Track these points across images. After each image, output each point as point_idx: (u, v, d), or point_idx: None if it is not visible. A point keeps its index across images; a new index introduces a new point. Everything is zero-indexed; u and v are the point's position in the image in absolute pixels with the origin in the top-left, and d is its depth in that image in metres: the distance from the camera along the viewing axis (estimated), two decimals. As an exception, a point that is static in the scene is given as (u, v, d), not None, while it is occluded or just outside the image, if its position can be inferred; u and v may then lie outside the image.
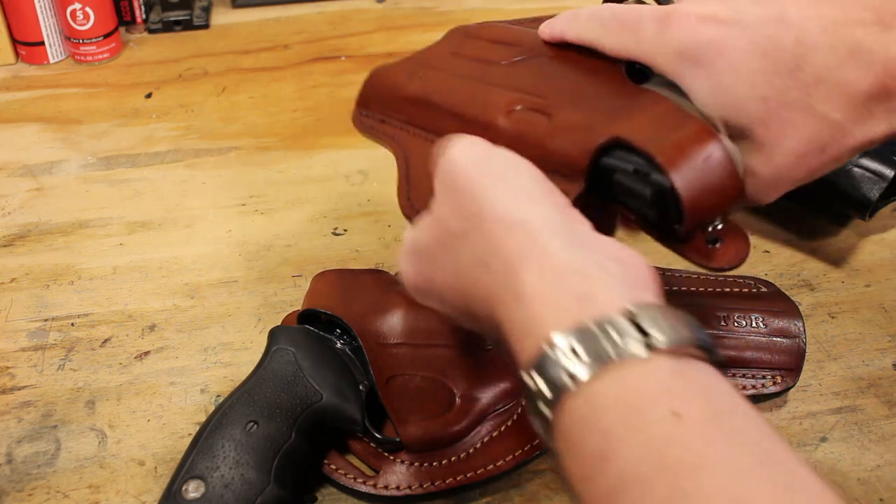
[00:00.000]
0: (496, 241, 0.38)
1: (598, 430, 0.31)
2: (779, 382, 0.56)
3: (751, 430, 0.31)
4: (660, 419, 0.30)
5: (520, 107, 0.50)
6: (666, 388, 0.32)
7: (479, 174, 0.41)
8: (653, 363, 0.32)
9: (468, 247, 0.39)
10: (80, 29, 0.89)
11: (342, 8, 1.01)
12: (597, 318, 0.33)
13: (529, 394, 0.34)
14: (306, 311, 0.56)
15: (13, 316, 0.63)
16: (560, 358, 0.33)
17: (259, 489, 0.47)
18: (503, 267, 0.37)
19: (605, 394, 0.32)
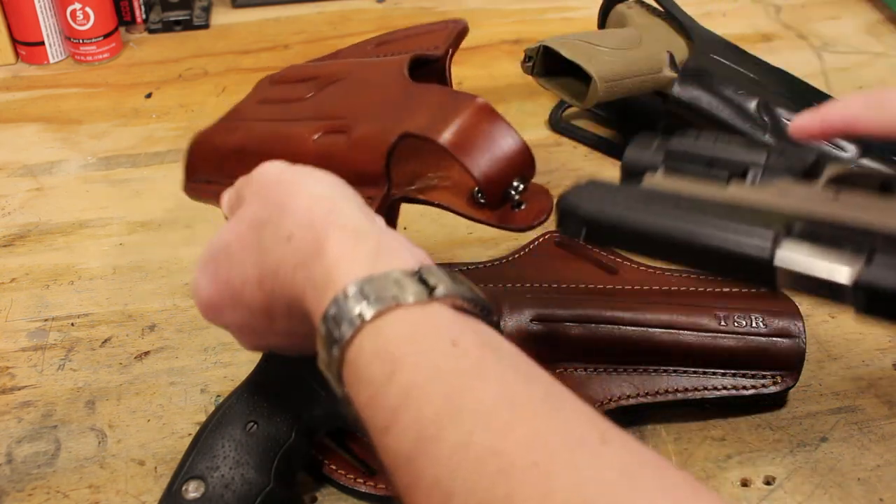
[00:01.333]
0: (301, 212, 0.41)
1: (383, 356, 0.35)
2: (779, 382, 0.56)
3: (517, 358, 0.35)
4: (439, 344, 0.35)
5: (319, 134, 0.54)
6: (445, 324, 0.36)
7: (288, 173, 0.44)
8: (434, 307, 0.36)
9: (272, 228, 0.42)
10: (80, 29, 0.89)
11: (342, 8, 1.01)
12: (387, 271, 0.37)
13: (323, 342, 0.37)
14: (306, 311, 0.56)
15: (13, 316, 0.63)
16: (351, 300, 0.36)
17: (259, 489, 0.47)
18: (308, 232, 0.40)
19: (391, 329, 0.35)
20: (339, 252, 0.38)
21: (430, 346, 0.35)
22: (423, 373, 0.34)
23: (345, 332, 0.36)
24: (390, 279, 0.36)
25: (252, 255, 0.42)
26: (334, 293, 0.37)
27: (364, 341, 0.36)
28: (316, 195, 0.41)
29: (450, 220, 0.71)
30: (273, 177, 0.44)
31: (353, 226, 0.39)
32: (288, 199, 0.42)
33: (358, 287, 0.36)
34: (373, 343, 0.35)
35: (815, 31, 0.95)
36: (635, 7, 0.81)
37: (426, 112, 0.47)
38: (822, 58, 0.91)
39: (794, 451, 0.54)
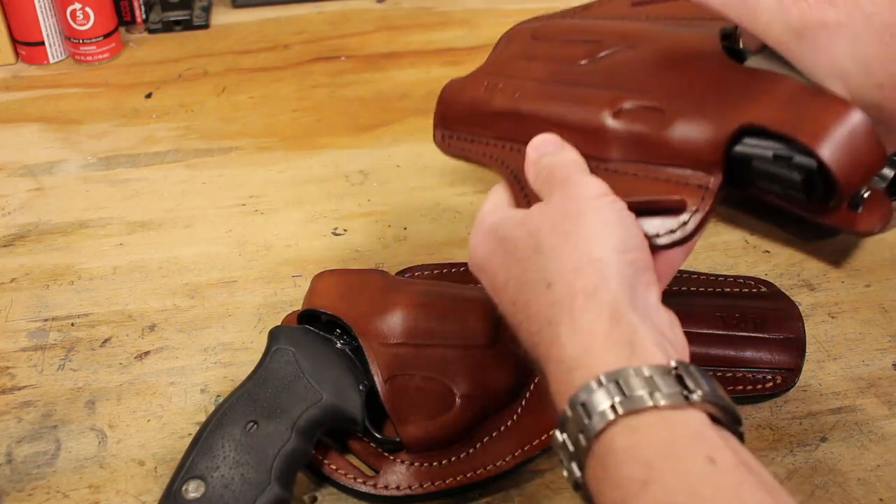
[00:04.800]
0: (571, 268, 0.40)
1: (637, 459, 0.34)
2: (779, 382, 0.56)
3: (769, 481, 0.34)
4: (697, 460, 0.33)
5: (628, 105, 0.48)
6: (701, 434, 0.35)
7: (596, 206, 0.42)
8: (690, 413, 0.35)
9: (546, 263, 0.41)
10: (80, 29, 0.89)
11: (342, 8, 1.01)
12: (641, 366, 0.36)
13: (568, 425, 0.36)
14: (306, 311, 0.56)
15: (13, 316, 0.63)
16: (606, 392, 0.35)
17: (259, 489, 0.47)
18: (568, 294, 0.39)
19: (647, 430, 0.35)
20: (593, 333, 0.37)
21: (687, 461, 0.33)
22: (680, 491, 0.33)
23: (596, 424, 0.35)
24: (645, 376, 0.35)
25: (517, 272, 0.42)
26: (585, 378, 0.36)
27: (616, 438, 0.35)
28: (594, 255, 0.40)
29: (449, 220, 0.71)
30: (581, 202, 0.42)
31: (612, 306, 0.38)
32: (570, 241, 0.41)
33: (610, 378, 0.35)
34: (626, 442, 0.35)
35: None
36: (636, 7, 0.81)
37: (774, 102, 0.43)
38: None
39: (794, 451, 0.54)
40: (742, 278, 0.63)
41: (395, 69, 0.90)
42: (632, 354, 0.37)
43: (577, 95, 0.51)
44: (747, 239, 0.69)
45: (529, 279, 0.41)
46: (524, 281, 0.41)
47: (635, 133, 0.47)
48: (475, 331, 0.55)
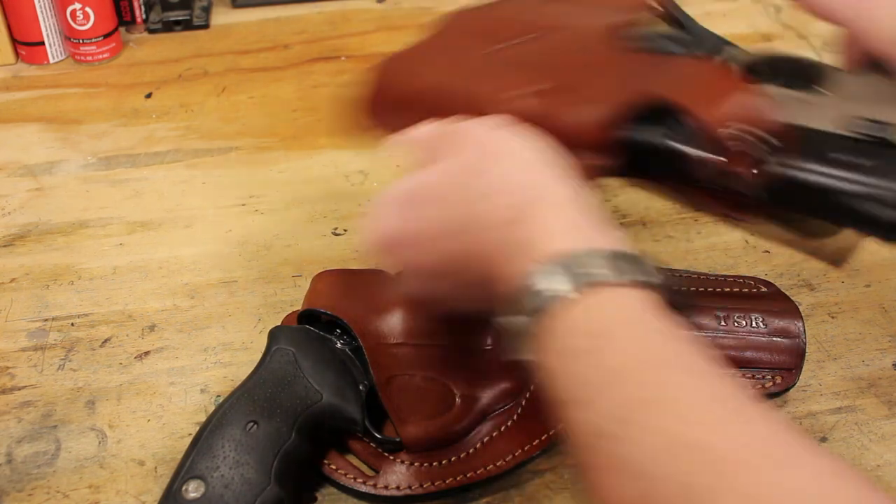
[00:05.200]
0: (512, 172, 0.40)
1: (590, 332, 0.35)
2: (779, 382, 0.56)
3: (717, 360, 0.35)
4: (647, 330, 0.35)
5: (536, 88, 0.50)
6: (651, 310, 0.36)
7: (503, 130, 0.43)
8: (639, 292, 0.36)
9: (482, 180, 0.41)
10: (80, 29, 0.89)
11: (342, 8, 1.01)
12: (593, 247, 0.37)
13: (518, 307, 0.37)
14: (306, 311, 0.56)
15: (13, 316, 0.63)
16: (557, 272, 0.36)
17: (259, 489, 0.47)
18: (516, 194, 0.40)
19: (600, 305, 0.36)
20: (545, 221, 0.38)
21: (639, 331, 0.35)
22: (634, 356, 0.34)
23: (547, 301, 0.36)
24: (596, 256, 0.37)
25: (451, 206, 0.42)
26: (538, 262, 0.37)
27: (570, 314, 0.36)
28: (527, 159, 0.41)
29: (450, 220, 0.71)
30: (487, 130, 0.43)
31: (560, 195, 0.39)
32: (500, 156, 0.42)
33: (563, 259, 0.36)
34: (579, 317, 0.36)
35: (815, 31, 0.95)
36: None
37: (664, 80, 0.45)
38: (822, 58, 0.91)
39: (794, 451, 0.54)
40: (742, 278, 0.62)
41: (395, 69, 0.90)
42: (587, 236, 0.38)
43: (494, 78, 0.52)
44: (747, 239, 0.69)
45: (473, 199, 0.41)
46: (462, 207, 0.42)
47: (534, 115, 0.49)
48: (476, 331, 0.55)
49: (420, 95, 0.55)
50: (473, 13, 0.61)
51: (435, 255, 0.43)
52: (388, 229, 0.45)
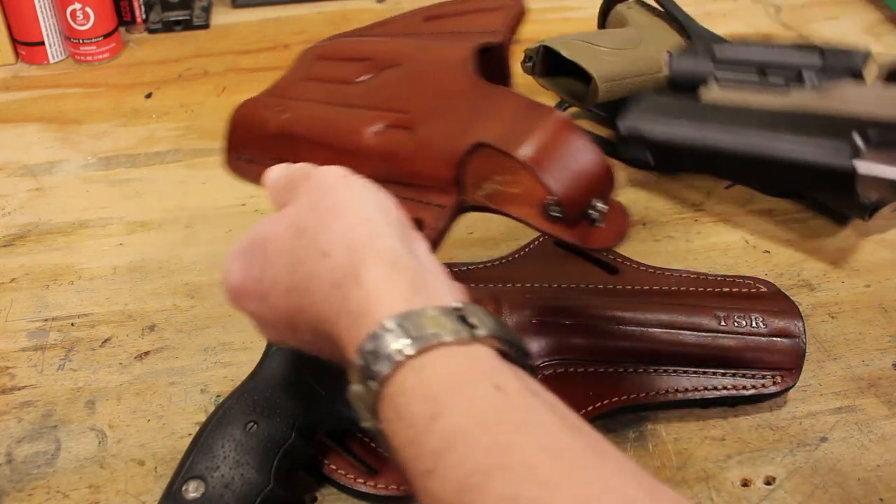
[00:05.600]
0: (341, 231, 0.40)
1: (426, 396, 0.34)
2: (779, 382, 0.56)
3: (559, 407, 0.35)
4: (483, 389, 0.34)
5: (381, 126, 0.50)
6: (487, 367, 0.35)
7: (342, 184, 0.43)
8: (475, 348, 0.36)
9: (311, 238, 0.41)
10: (80, 29, 0.89)
11: (342, 8, 1.01)
12: (425, 307, 0.36)
13: (357, 374, 0.36)
14: (306, 311, 0.56)
15: (13, 316, 0.63)
16: (390, 336, 0.35)
17: (259, 489, 0.47)
18: (345, 254, 0.39)
19: (434, 367, 0.35)
20: (377, 282, 0.38)
21: (474, 391, 0.34)
22: (468, 418, 0.33)
23: (383, 368, 0.35)
24: (429, 316, 0.36)
25: (286, 259, 0.42)
26: (371, 327, 0.36)
27: (405, 379, 0.35)
28: (360, 217, 0.41)
29: (450, 220, 0.71)
30: (328, 184, 0.43)
31: (391, 255, 0.39)
32: (332, 213, 0.41)
33: (397, 322, 0.36)
34: (414, 381, 0.35)
35: (815, 32, 0.95)
36: (635, 7, 0.81)
37: (500, 121, 0.45)
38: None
39: (794, 451, 0.54)
40: (742, 278, 0.62)
41: (395, 69, 0.90)
42: (416, 296, 0.37)
43: (341, 117, 0.53)
44: (747, 239, 0.69)
45: (302, 258, 0.41)
46: (296, 262, 0.41)
47: (386, 152, 0.50)
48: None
49: (275, 138, 0.56)
50: (326, 45, 0.61)
51: (273, 307, 0.43)
52: (233, 280, 0.45)
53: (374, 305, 0.37)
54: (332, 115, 0.53)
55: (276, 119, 0.56)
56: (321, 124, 0.53)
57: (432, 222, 0.47)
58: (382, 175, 0.49)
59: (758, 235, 0.69)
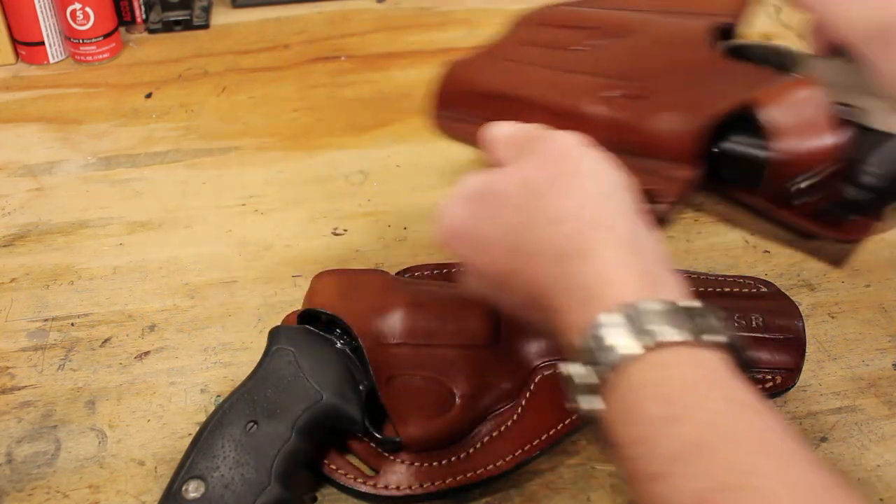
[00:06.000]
0: (577, 200, 0.39)
1: (661, 397, 0.33)
2: (779, 382, 0.56)
3: (792, 430, 0.34)
4: (720, 399, 0.33)
5: (614, 93, 0.50)
6: (721, 376, 0.34)
7: (578, 151, 0.41)
8: (707, 353, 0.35)
9: (547, 203, 0.39)
10: (80, 29, 0.89)
11: (342, 8, 1.01)
12: (660, 300, 0.35)
13: (580, 355, 0.35)
14: (306, 311, 0.56)
15: (13, 316, 0.63)
16: (624, 326, 0.34)
17: (259, 489, 0.47)
18: (579, 226, 0.38)
19: (669, 367, 0.34)
20: (610, 265, 0.36)
21: (711, 400, 0.33)
22: (709, 430, 0.32)
23: (611, 356, 0.34)
24: (661, 312, 0.35)
25: (513, 217, 0.41)
26: (599, 311, 0.35)
27: (638, 375, 0.34)
28: (597, 191, 0.39)
29: (450, 220, 0.71)
30: (567, 150, 0.42)
31: (627, 238, 0.38)
32: (568, 181, 0.40)
33: (627, 312, 0.35)
34: (647, 379, 0.34)
35: (815, 31, 0.95)
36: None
37: (744, 87, 0.44)
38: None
39: (794, 451, 0.54)
40: (742, 278, 0.62)
41: (395, 69, 0.90)
42: (648, 286, 0.36)
43: (567, 82, 0.52)
44: (747, 239, 0.69)
45: (530, 221, 0.40)
46: (524, 224, 0.40)
47: (617, 120, 0.49)
48: (475, 331, 0.55)
49: (492, 98, 0.55)
50: (548, 11, 0.60)
51: (489, 260, 0.42)
52: (454, 221, 0.44)
53: (604, 288, 0.36)
54: (558, 79, 0.53)
55: (497, 79, 0.55)
56: (546, 87, 0.53)
57: (666, 195, 0.46)
58: (612, 143, 0.48)
59: (758, 235, 0.69)
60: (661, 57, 0.50)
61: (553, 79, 0.53)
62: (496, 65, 0.56)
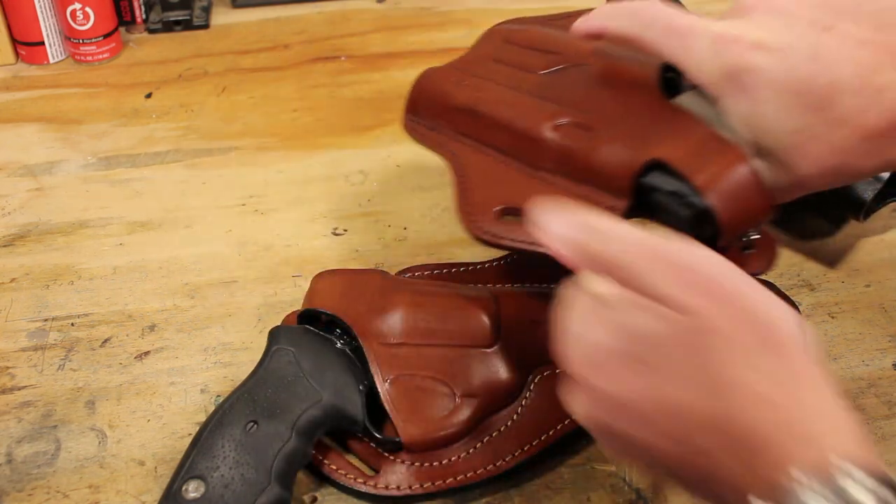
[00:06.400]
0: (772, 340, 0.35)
1: None
2: (779, 382, 0.56)
3: None
4: None
5: (564, 120, 0.52)
6: None
7: (733, 285, 0.38)
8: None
9: (727, 344, 0.35)
10: (80, 29, 0.89)
11: (342, 8, 1.01)
12: (873, 468, 0.33)
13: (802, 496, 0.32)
14: (306, 311, 0.56)
15: (13, 316, 0.63)
16: (850, 484, 0.32)
17: (259, 489, 0.47)
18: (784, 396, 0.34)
19: None
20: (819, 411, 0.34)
21: None
22: None
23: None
24: (866, 483, 0.33)
25: (684, 380, 0.36)
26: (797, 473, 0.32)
27: None
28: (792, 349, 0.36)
29: (449, 220, 0.71)
30: (731, 286, 0.37)
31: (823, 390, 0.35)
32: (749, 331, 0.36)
33: (828, 481, 0.32)
34: None
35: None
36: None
37: (683, 144, 0.46)
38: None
39: (794, 451, 0.54)
40: (742, 278, 0.62)
41: (395, 69, 0.90)
42: (859, 447, 0.34)
43: (527, 105, 0.54)
44: (747, 239, 0.69)
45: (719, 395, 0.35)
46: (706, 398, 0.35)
47: (566, 147, 0.51)
48: (475, 331, 0.55)
49: (458, 111, 0.57)
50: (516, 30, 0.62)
51: (659, 436, 0.36)
52: (608, 390, 0.37)
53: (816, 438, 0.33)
54: (519, 101, 0.55)
55: (463, 94, 0.57)
56: (507, 108, 0.55)
57: None
58: (561, 168, 0.51)
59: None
60: (610, 91, 0.52)
61: (513, 99, 0.55)
62: (465, 78, 0.59)
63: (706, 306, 0.37)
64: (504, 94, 0.56)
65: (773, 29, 0.44)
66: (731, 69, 0.44)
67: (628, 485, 0.52)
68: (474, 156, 0.56)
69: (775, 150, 0.44)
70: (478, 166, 0.56)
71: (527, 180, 0.53)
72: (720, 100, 0.46)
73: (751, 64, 0.43)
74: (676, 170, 0.45)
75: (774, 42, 0.43)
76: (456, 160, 0.57)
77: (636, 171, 0.47)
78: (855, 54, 0.42)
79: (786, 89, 0.43)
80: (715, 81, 0.45)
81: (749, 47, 0.44)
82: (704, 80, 0.46)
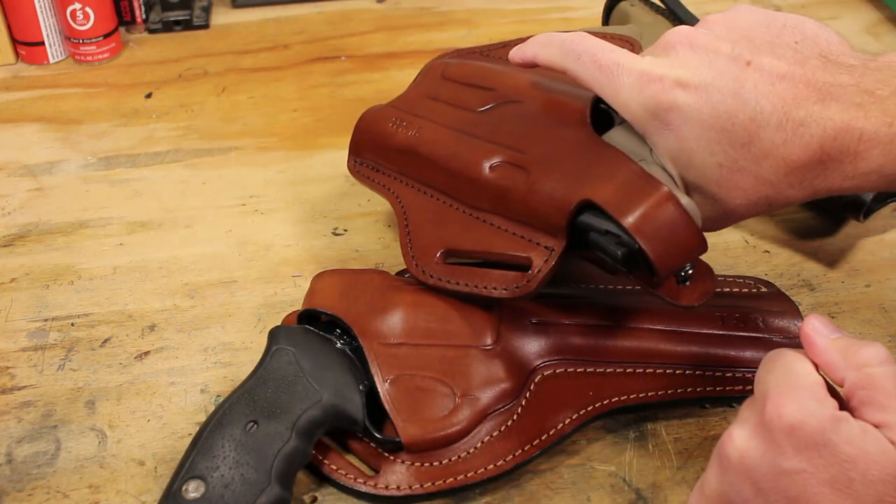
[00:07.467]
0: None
1: None
2: (779, 382, 0.56)
3: None
4: None
5: (499, 160, 0.53)
6: None
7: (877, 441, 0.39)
8: None
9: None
10: (80, 29, 0.89)
11: (342, 8, 1.01)
12: None
13: None
14: (306, 311, 0.56)
15: (13, 316, 0.63)
16: None
17: (259, 489, 0.47)
18: None
19: None
20: None
21: None
22: None
23: None
24: None
25: None
26: None
27: None
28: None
29: (450, 220, 0.71)
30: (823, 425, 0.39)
31: None
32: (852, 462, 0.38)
33: None
34: None
35: (816, 31, 0.95)
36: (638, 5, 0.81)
37: (612, 184, 0.47)
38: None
39: (794, 451, 0.54)
40: (742, 278, 0.63)
41: (395, 69, 0.90)
42: None
43: (464, 145, 0.55)
44: (747, 239, 0.69)
45: None
46: None
47: (502, 188, 0.53)
48: (475, 331, 0.55)
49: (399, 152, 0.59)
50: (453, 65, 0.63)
51: None
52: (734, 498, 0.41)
53: None
54: (456, 141, 0.56)
55: (403, 134, 0.59)
56: (445, 149, 0.56)
57: (540, 263, 0.50)
58: (498, 208, 0.53)
59: (758, 235, 0.69)
60: (544, 129, 0.53)
61: (450, 139, 0.56)
62: (403, 118, 0.60)
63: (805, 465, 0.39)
64: (441, 134, 0.57)
65: (694, 66, 0.45)
66: (656, 108, 0.46)
67: (628, 485, 0.52)
68: (416, 197, 0.58)
69: (703, 184, 0.46)
70: (420, 208, 0.57)
71: (467, 221, 0.55)
72: (647, 136, 0.47)
73: (674, 103, 0.45)
74: (607, 211, 0.47)
75: (696, 80, 0.45)
76: (399, 203, 0.58)
77: (570, 212, 0.48)
78: (775, 89, 0.43)
79: (709, 126, 0.44)
80: (641, 119, 0.47)
81: (671, 86, 0.45)
82: (630, 117, 0.47)
